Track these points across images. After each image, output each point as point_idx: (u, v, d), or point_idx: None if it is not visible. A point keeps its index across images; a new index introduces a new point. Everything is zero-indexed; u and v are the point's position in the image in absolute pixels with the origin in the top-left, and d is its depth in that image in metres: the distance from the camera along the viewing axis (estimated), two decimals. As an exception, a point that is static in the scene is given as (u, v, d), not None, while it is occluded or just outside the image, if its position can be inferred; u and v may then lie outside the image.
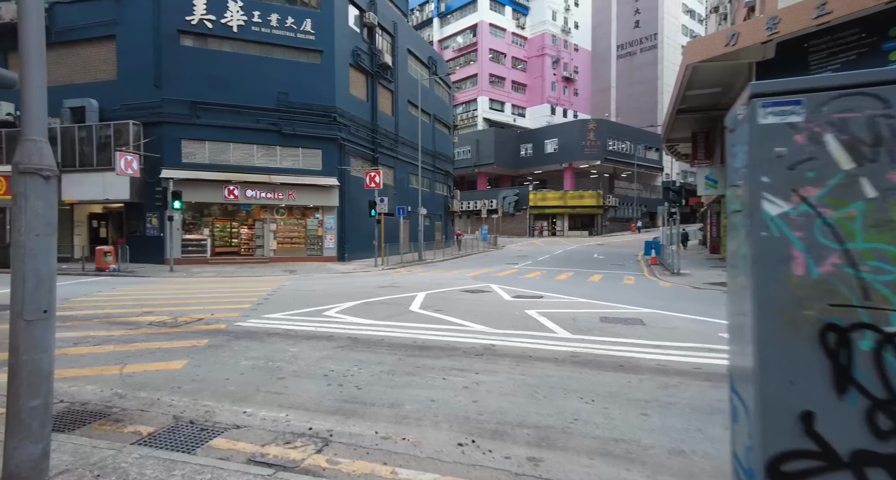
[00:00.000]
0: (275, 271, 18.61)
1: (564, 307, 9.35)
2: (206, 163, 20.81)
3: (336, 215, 23.33)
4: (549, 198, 56.65)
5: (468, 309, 8.95)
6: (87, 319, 7.95)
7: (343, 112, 23.29)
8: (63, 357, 5.75)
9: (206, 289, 12.50)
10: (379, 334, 6.94)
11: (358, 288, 12.67)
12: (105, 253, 17.68)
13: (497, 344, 6.34)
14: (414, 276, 16.55)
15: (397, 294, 11.26)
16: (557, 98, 68.16)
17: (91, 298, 10.53)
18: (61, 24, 21.39)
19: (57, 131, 20.77)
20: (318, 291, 11.90)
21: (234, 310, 8.95)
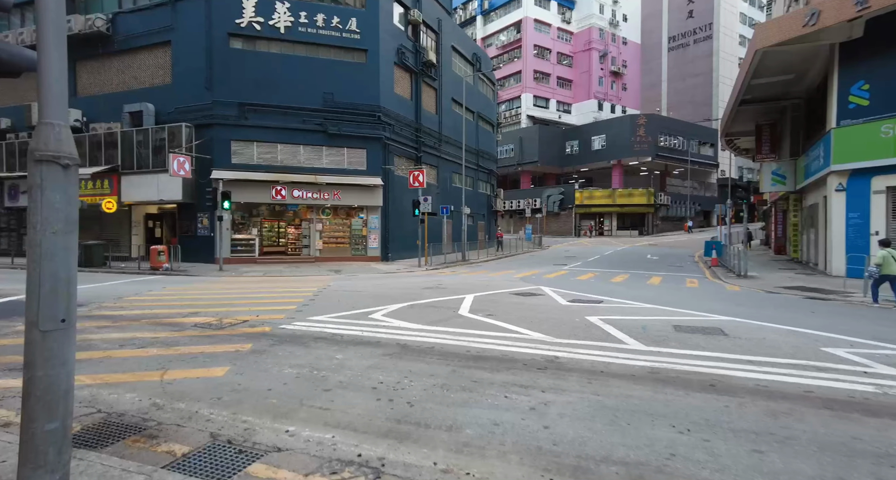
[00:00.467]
0: (320, 271, 18.59)
1: (629, 313, 8.54)
2: (254, 163, 21.12)
3: (380, 215, 23.17)
4: (597, 197, 54.76)
5: (522, 315, 8.31)
6: (136, 319, 7.89)
7: (387, 111, 23.10)
8: (108, 360, 5.59)
9: (252, 289, 12.46)
10: (429, 341, 6.44)
11: (403, 289, 12.27)
12: (159, 252, 18.18)
13: (561, 355, 5.68)
14: (459, 277, 16.03)
15: (444, 296, 10.76)
16: (605, 93, 65.96)
17: (142, 297, 10.63)
18: (122, 33, 22.30)
19: (117, 135, 21.67)
20: (363, 292, 11.58)
21: (279, 312, 8.71)
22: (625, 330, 7.05)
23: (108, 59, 22.98)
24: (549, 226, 56.03)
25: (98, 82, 23.32)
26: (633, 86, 69.15)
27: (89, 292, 11.52)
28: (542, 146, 59.01)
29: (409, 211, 24.71)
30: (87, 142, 22.31)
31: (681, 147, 55.89)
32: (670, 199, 55.84)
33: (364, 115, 22.34)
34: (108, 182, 21.92)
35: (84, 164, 22.23)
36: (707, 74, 62.93)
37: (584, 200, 55.31)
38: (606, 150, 56.46)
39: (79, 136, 22.51)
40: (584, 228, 57.01)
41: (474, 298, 10.30)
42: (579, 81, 66.33)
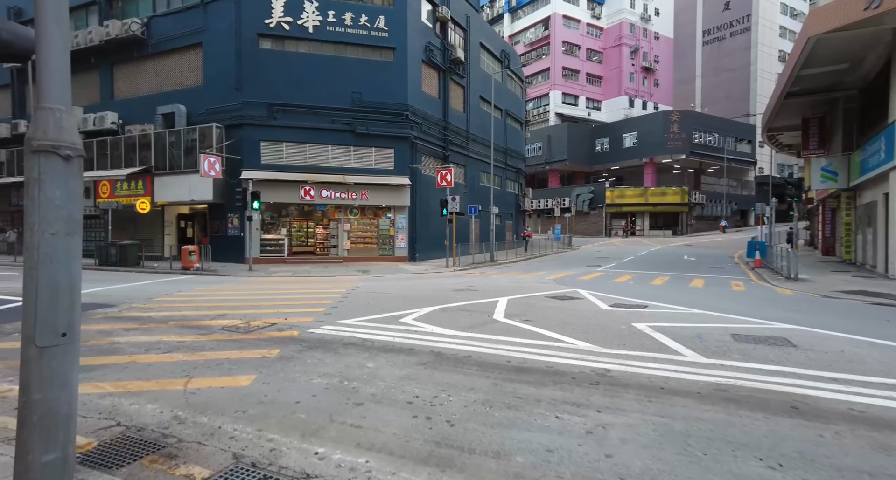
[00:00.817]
0: (348, 271, 18.41)
1: (678, 320, 7.91)
2: (283, 164, 21.13)
3: (407, 215, 22.90)
4: (628, 196, 53.33)
5: (563, 320, 7.79)
6: (164, 321, 7.74)
7: (415, 110, 22.80)
8: (133, 365, 5.37)
9: (281, 290, 12.30)
10: (465, 349, 6.01)
11: (433, 291, 11.89)
12: (190, 252, 18.33)
13: (612, 368, 5.17)
14: (489, 279, 15.55)
15: (476, 299, 10.31)
16: (636, 89, 64.29)
17: (171, 298, 10.56)
18: (156, 37, 22.69)
19: (151, 136, 22.04)
20: (392, 294, 11.25)
21: (308, 314, 8.44)
22: (678, 338, 6.46)
23: (142, 63, 23.42)
24: (577, 226, 54.85)
25: (133, 85, 23.80)
26: (666, 82, 67.19)
27: (121, 292, 11.56)
28: (570, 144, 57.89)
29: (437, 210, 24.37)
30: (123, 143, 22.78)
31: (716, 144, 53.91)
32: (705, 198, 53.91)
33: (392, 114, 22.10)
34: (141, 183, 22.32)
35: (120, 166, 22.73)
36: (744, 68, 60.52)
37: (614, 199, 53.96)
38: (638, 148, 54.95)
39: (115, 139, 23.03)
40: (615, 228, 55.62)
41: (508, 301, 9.82)
42: (609, 78, 64.83)
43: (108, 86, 24.32)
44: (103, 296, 10.63)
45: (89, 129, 23.60)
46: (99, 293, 11.28)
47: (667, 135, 52.08)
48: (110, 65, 24.14)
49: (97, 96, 24.73)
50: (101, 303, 9.57)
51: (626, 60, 63.29)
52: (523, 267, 21.11)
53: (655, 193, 52.58)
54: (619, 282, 14.11)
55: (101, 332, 6.97)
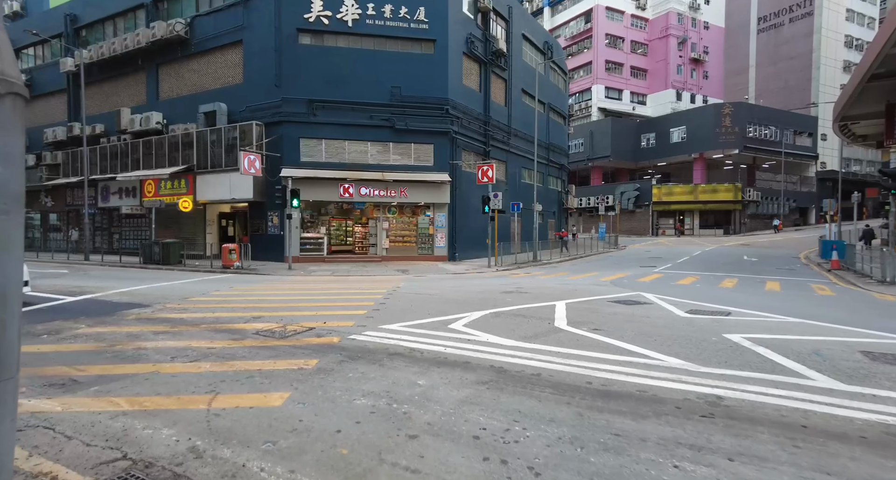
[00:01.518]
0: (387, 270, 17.78)
1: (777, 331, 6.71)
2: (322, 161, 20.75)
3: (447, 212, 22.11)
4: (676, 193, 50.75)
5: (638, 330, 6.75)
6: (196, 324, 7.19)
7: (455, 104, 21.98)
8: (155, 377, 4.75)
9: (320, 290, 11.72)
10: (531, 364, 5.10)
11: (479, 293, 11.01)
12: (230, 250, 18.16)
13: (724, 394, 4.14)
14: (537, 280, 14.52)
15: (529, 302, 9.35)
16: (683, 82, 61.23)
17: (207, 298, 10.12)
18: (199, 36, 22.81)
19: (193, 135, 22.16)
20: (436, 296, 10.44)
21: (348, 318, 7.73)
22: (791, 355, 5.31)
23: (185, 63, 23.63)
24: (622, 225, 52.63)
25: (177, 85, 24.06)
26: (716, 74, 63.72)
27: (159, 291, 11.26)
28: (614, 140, 55.68)
29: (477, 208, 23.45)
30: (167, 143, 23.02)
31: (772, 137, 50.53)
32: (760, 195, 50.60)
33: (432, 109, 21.36)
34: (184, 182, 22.48)
35: (164, 165, 22.98)
36: (805, 56, 56.48)
37: (662, 197, 51.49)
38: (687, 143, 52.24)
39: (159, 138, 23.32)
40: (663, 227, 53.10)
41: (567, 306, 8.81)
42: (655, 70, 62.02)
43: (154, 86, 24.71)
44: (140, 296, 10.32)
45: (136, 130, 24.02)
46: (137, 292, 11.01)
47: (718, 129, 49.20)
48: (156, 66, 24.50)
49: (144, 98, 25.18)
50: (137, 303, 9.20)
51: (673, 52, 60.35)
52: (570, 267, 19.92)
53: (706, 190, 49.80)
54: (684, 285, 12.79)
55: (130, 335, 6.46)
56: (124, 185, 24.89)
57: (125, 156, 24.63)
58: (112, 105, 26.24)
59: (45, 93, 29.71)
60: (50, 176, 28.57)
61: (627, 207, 53.58)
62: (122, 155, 24.74)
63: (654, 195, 51.87)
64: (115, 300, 9.60)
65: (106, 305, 8.99)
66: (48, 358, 5.43)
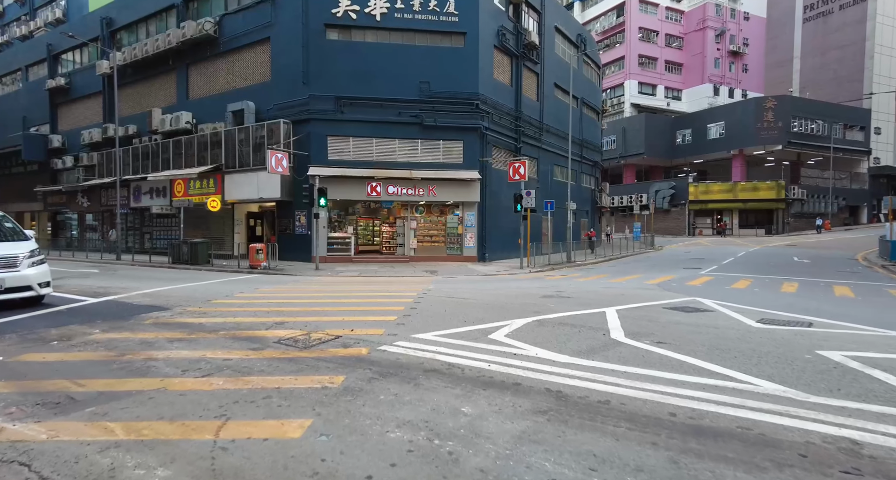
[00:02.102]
0: (416, 271, 17.14)
1: (885, 348, 5.69)
2: (350, 160, 20.29)
3: (476, 211, 21.34)
4: (714, 191, 48.60)
5: (710, 344, 5.84)
6: (214, 331, 6.65)
7: (486, 99, 21.19)
8: (161, 395, 4.15)
9: (348, 292, 11.14)
10: (595, 387, 4.29)
11: (516, 296, 10.20)
12: (257, 250, 17.85)
13: (861, 438, 3.23)
14: (576, 283, 13.60)
15: (574, 309, 8.51)
16: (721, 76, 58.74)
17: (230, 300, 9.64)
18: (227, 35, 22.71)
19: (221, 134, 22.04)
20: (471, 300, 9.69)
21: (377, 324, 7.07)
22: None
23: (214, 62, 23.58)
24: (657, 225, 50.76)
25: (206, 85, 24.05)
26: (756, 67, 60.92)
27: (182, 292, 10.88)
28: (648, 137, 53.79)
29: (508, 207, 22.61)
30: (196, 142, 23.01)
31: (820, 132, 47.76)
32: (805, 193, 47.93)
33: (461, 104, 20.63)
34: (212, 181, 22.40)
35: (193, 165, 22.96)
36: (857, 44, 53.22)
37: (698, 195, 49.43)
38: (725, 139, 49.98)
39: (188, 138, 23.34)
40: (700, 226, 50.97)
41: (619, 314, 7.93)
42: (691, 64, 59.72)
43: (184, 86, 24.78)
44: (163, 297, 9.93)
45: (167, 130, 24.13)
46: (160, 293, 10.64)
47: (760, 124, 46.83)
48: (186, 66, 24.57)
49: (174, 98, 25.30)
50: (157, 306, 8.78)
51: (711, 45, 57.95)
52: (607, 269, 18.85)
53: (746, 188, 47.50)
54: (740, 289, 11.67)
55: (143, 343, 5.95)
56: (155, 185, 25.05)
57: (156, 156, 24.78)
58: (144, 106, 26.50)
59: (83, 96, 30.33)
60: (87, 176, 29.11)
61: (662, 206, 51.68)
62: (153, 155, 24.91)
63: (691, 193, 49.84)
64: (137, 302, 9.21)
65: (126, 308, 8.60)
66: (52, 368, 4.93)
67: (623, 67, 58.59)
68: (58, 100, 31.83)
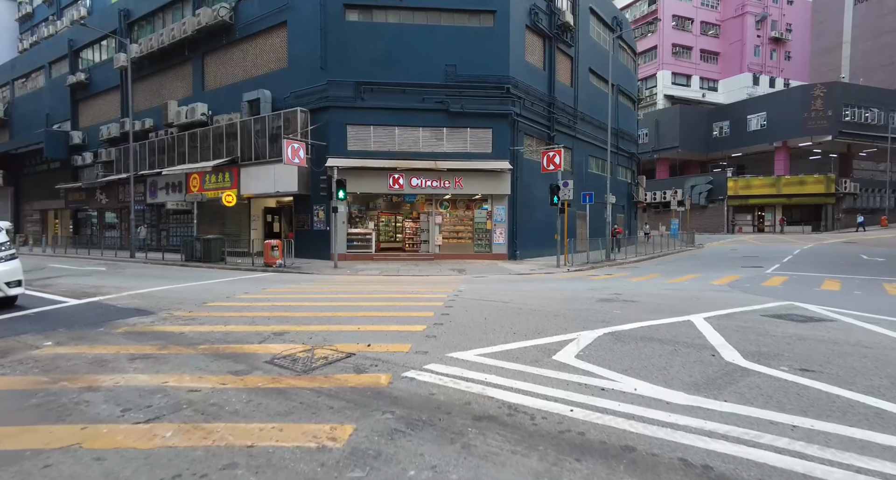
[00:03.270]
0: (442, 270, 15.58)
1: None
2: (370, 150, 18.86)
3: (506, 205, 19.64)
4: (756, 186, 45.68)
5: (883, 372, 4.09)
6: (195, 343, 5.18)
7: (517, 82, 19.47)
8: (65, 459, 2.64)
9: (366, 294, 9.63)
10: (763, 459, 2.62)
11: (567, 300, 8.52)
12: (272, 247, 16.57)
13: None
14: (628, 283, 11.81)
15: (649, 317, 6.78)
16: (761, 65, 55.44)
17: (230, 303, 8.22)
18: (243, 20, 21.56)
19: (237, 125, 20.89)
20: (511, 304, 8.05)
21: (402, 337, 5.51)
22: None
23: (230, 50, 22.48)
24: (692, 222, 48.03)
25: (222, 75, 22.98)
26: (800, 54, 57.33)
27: (180, 292, 9.54)
28: (683, 129, 51.06)
29: (540, 200, 20.88)
30: (211, 134, 21.93)
31: (875, 121, 44.29)
32: (858, 187, 44.56)
33: (491, 88, 18.97)
34: (228, 175, 21.28)
35: (209, 158, 21.90)
36: (914, 27, 49.34)
37: (738, 190, 46.57)
38: (767, 131, 46.93)
39: (203, 130, 22.29)
40: (739, 223, 48.08)
41: (711, 324, 6.17)
42: (728, 53, 56.58)
43: (199, 77, 23.78)
44: (155, 299, 8.59)
45: (182, 122, 23.16)
46: (154, 294, 9.32)
47: (807, 114, 43.71)
48: (201, 55, 23.56)
49: (190, 90, 24.34)
50: (143, 309, 7.41)
51: (751, 32, 54.72)
52: (655, 267, 16.92)
53: (791, 182, 44.44)
54: (834, 291, 9.70)
55: (95, 362, 4.51)
56: (171, 180, 24.13)
57: (172, 150, 23.85)
58: (160, 99, 25.65)
59: (102, 92, 29.77)
60: (106, 173, 28.52)
61: (698, 202, 48.95)
62: (169, 149, 23.99)
63: (730, 188, 47.01)
64: (122, 305, 7.88)
65: (105, 311, 7.26)
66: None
67: (655, 57, 55.89)
68: (78, 97, 31.40)
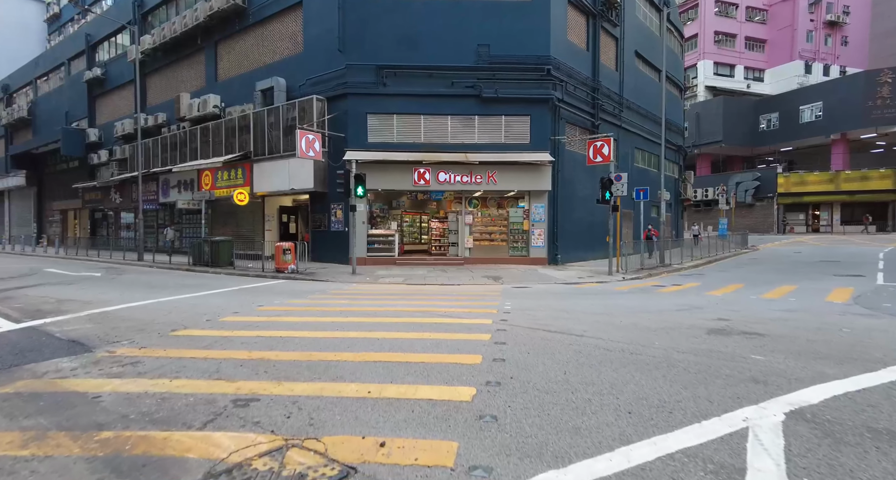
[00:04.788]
0: (474, 277, 13.46)
1: None
2: (393, 142, 16.89)
3: (546, 203, 17.37)
4: (811, 182, 42.03)
5: None
6: (93, 430, 3.18)
7: (559, 63, 17.18)
8: None
9: (385, 316, 7.59)
10: None
11: (660, 331, 6.26)
12: (284, 251, 14.74)
13: None
14: (710, 299, 9.43)
15: (825, 372, 4.47)
16: (814, 51, 51.27)
17: (203, 331, 6.26)
18: (257, 3, 19.88)
19: (250, 118, 19.21)
20: (588, 339, 5.84)
21: (436, 421, 3.40)
22: None
23: (243, 37, 20.85)
24: (737, 221, 44.57)
25: (235, 64, 21.37)
26: (858, 38, 52.80)
27: (154, 311, 7.67)
28: (726, 122, 47.61)
29: (582, 197, 18.61)
30: (223, 128, 20.34)
31: (950, 109, 39.96)
32: (930, 182, 40.33)
33: (529, 70, 16.75)
34: (240, 171, 19.64)
35: (221, 153, 20.32)
36: None
37: (790, 187, 42.99)
38: (823, 122, 43.15)
39: (216, 123, 20.73)
40: (791, 223, 44.38)
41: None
42: (777, 40, 52.58)
43: (212, 66, 22.25)
44: (115, 321, 6.73)
45: (194, 116, 21.68)
46: (119, 314, 7.47)
47: (871, 103, 39.86)
48: (214, 43, 22.03)
49: (203, 81, 22.87)
50: (83, 342, 5.51)
51: (803, 16, 50.65)
52: (718, 274, 14.37)
53: (852, 178, 40.64)
54: None
55: None
56: (183, 178, 22.70)
57: (184, 145, 22.41)
58: (174, 91, 24.27)
59: (117, 87, 28.73)
60: (121, 171, 27.42)
61: (744, 200, 45.50)
62: (182, 145, 22.55)
63: (781, 185, 43.45)
64: (64, 332, 6.02)
65: (32, 344, 5.40)
66: None
67: (696, 47, 52.36)
68: (95, 93, 30.50)
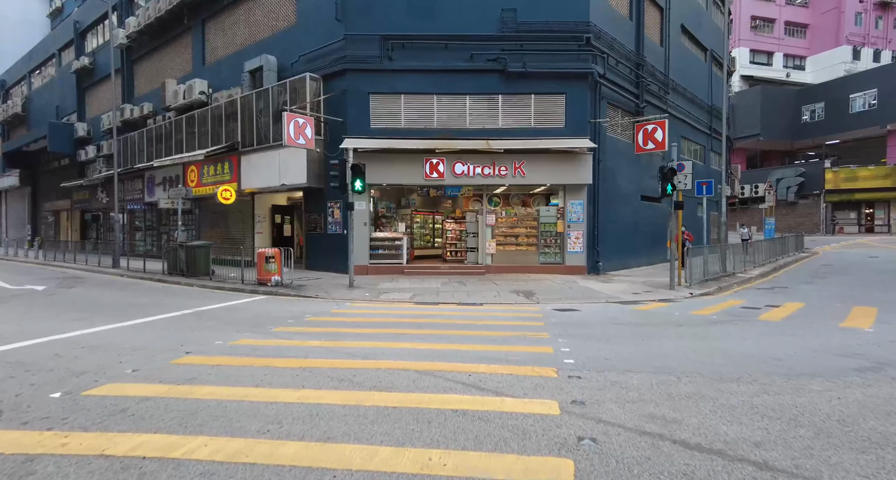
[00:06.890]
0: (500, 293, 10.63)
1: None
2: (400, 127, 14.15)
3: (585, 199, 14.44)
4: (863, 178, 38.23)
5: None
6: None
7: (599, 32, 14.26)
8: None
9: (376, 370, 4.80)
10: None
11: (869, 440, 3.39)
12: (267, 258, 12.06)
13: None
14: (864, 335, 6.46)
15: None
16: (863, 35, 47.17)
17: (22, 433, 3.54)
18: (245, -27, 17.35)
19: (237, 103, 16.63)
20: (780, 452, 3.00)
21: None
22: None
23: (232, 11, 18.29)
24: (779, 221, 40.85)
25: (223, 43, 18.84)
26: (910, 21, 48.51)
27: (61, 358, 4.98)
28: (764, 114, 43.91)
29: (626, 192, 15.74)
30: (209, 116, 17.81)
31: None
32: None
33: (565, 40, 13.86)
34: (227, 165, 17.08)
35: (207, 145, 17.79)
36: None
37: (839, 183, 39.21)
38: (877, 112, 39.26)
39: (202, 112, 18.20)
40: (841, 222, 40.55)
41: None
42: (820, 24, 48.60)
43: (200, 48, 19.76)
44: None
45: (180, 104, 19.22)
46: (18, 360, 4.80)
47: (933, 88, 35.91)
48: (202, 22, 19.54)
49: (189, 64, 20.42)
50: None
51: (849, -3, 46.59)
52: (806, 288, 11.30)
53: (911, 173, 36.75)
54: None
55: None
56: (167, 174, 20.24)
57: (169, 137, 19.95)
58: (161, 78, 21.85)
59: (105, 77, 26.41)
60: (108, 167, 25.15)
61: (785, 198, 41.77)
62: (167, 137, 20.10)
63: (828, 181, 39.68)
64: None
65: None
66: None
67: (731, 33, 48.58)
68: (84, 84, 28.38)
